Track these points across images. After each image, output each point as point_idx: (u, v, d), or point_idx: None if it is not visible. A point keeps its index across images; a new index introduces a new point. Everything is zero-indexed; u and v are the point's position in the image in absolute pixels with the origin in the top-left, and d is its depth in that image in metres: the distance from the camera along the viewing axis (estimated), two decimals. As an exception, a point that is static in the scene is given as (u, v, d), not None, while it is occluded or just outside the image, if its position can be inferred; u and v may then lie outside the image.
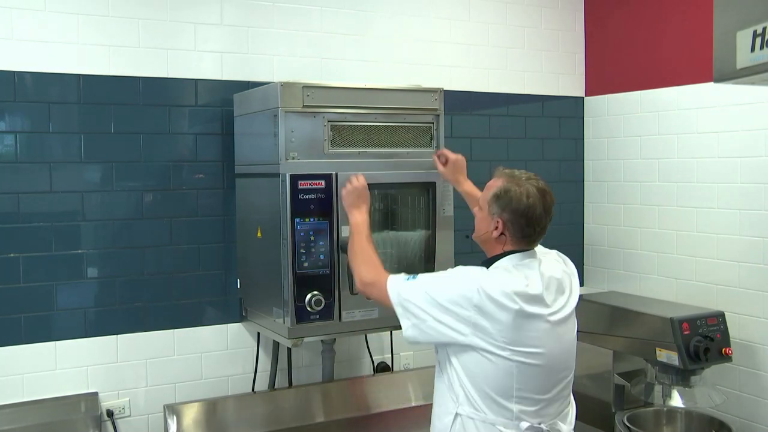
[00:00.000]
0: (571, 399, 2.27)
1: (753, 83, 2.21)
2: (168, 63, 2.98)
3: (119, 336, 2.93)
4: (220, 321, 3.10)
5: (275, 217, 2.66)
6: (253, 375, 3.14)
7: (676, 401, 3.05)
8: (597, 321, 3.32)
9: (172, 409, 2.91)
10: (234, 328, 3.13)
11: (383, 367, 3.40)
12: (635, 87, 3.69)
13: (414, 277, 2.18)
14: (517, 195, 2.12)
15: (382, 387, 3.27)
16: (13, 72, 2.73)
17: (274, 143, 2.65)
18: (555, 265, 2.22)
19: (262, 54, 3.15)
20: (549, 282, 2.13)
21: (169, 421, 2.89)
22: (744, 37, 2.00)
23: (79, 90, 2.84)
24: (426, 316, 2.10)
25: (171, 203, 3.00)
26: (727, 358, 3.02)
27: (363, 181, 2.57)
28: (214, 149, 3.06)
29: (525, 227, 2.14)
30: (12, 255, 2.75)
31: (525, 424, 2.08)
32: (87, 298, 2.87)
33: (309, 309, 2.61)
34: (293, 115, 2.63)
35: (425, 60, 3.50)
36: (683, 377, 3.02)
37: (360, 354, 3.38)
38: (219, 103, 3.06)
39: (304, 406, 3.09)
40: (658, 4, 3.58)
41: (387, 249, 2.85)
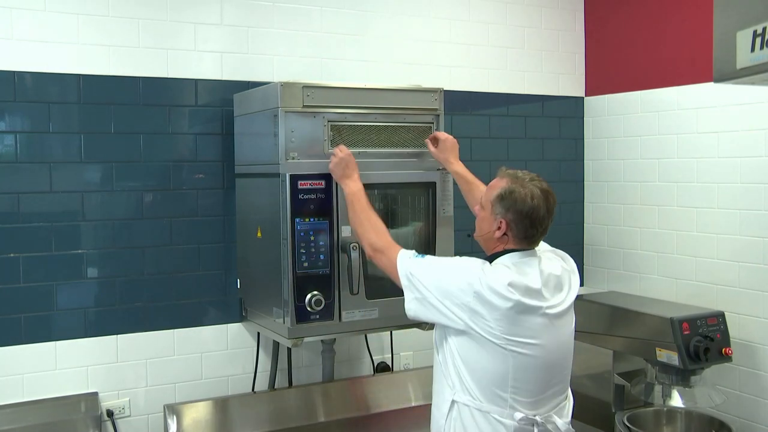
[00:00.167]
0: (569, 393, 2.29)
1: (753, 83, 2.21)
2: (168, 63, 2.98)
3: (119, 336, 2.93)
4: (220, 321, 3.10)
5: (275, 217, 2.66)
6: (253, 375, 3.14)
7: (676, 401, 3.05)
8: (597, 321, 3.32)
9: (172, 409, 2.91)
10: (234, 328, 3.13)
11: (383, 367, 3.40)
12: (635, 87, 3.69)
13: (422, 256, 2.25)
14: (522, 196, 2.14)
15: (382, 387, 3.27)
16: (13, 72, 2.73)
17: (274, 143, 2.65)
18: (554, 263, 2.24)
19: (262, 54, 3.15)
20: (548, 278, 2.16)
21: (169, 421, 2.89)
22: (744, 37, 2.00)
23: (79, 90, 2.84)
24: (428, 294, 2.15)
25: (171, 203, 3.00)
26: (727, 358, 3.02)
27: (346, 150, 2.60)
28: (214, 149, 3.07)
29: (529, 228, 2.16)
30: (12, 255, 2.75)
31: (519, 414, 2.10)
32: (87, 298, 2.87)
33: (309, 309, 2.61)
34: (293, 115, 2.63)
35: (425, 60, 3.50)
36: (683, 377, 3.02)
37: (360, 354, 3.38)
38: (219, 103, 3.06)
39: (304, 406, 3.09)
40: (658, 4, 3.58)
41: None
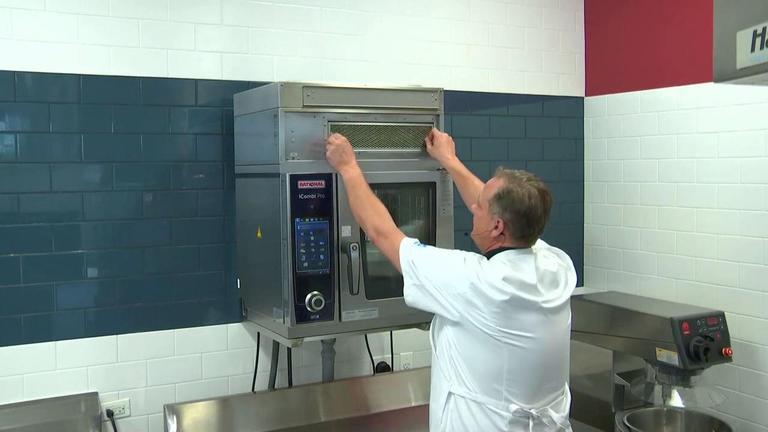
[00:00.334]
0: (566, 389, 2.30)
1: (753, 83, 2.21)
2: (168, 63, 2.98)
3: (119, 336, 2.93)
4: (220, 321, 3.10)
5: (275, 217, 2.66)
6: (253, 375, 3.14)
7: (676, 401, 3.05)
8: (597, 321, 3.32)
9: (172, 409, 2.91)
10: (234, 328, 3.13)
11: (383, 367, 3.40)
12: (635, 87, 3.69)
13: (424, 245, 2.28)
14: (519, 196, 2.15)
15: (382, 387, 3.27)
16: (13, 72, 2.73)
17: (274, 143, 2.65)
18: (551, 260, 2.27)
19: (262, 54, 3.15)
20: (543, 274, 2.18)
21: (169, 421, 2.89)
22: (744, 37, 2.00)
23: (79, 90, 2.84)
24: (427, 282, 2.18)
25: (171, 203, 3.00)
26: (727, 358, 3.02)
27: (342, 137, 2.63)
28: (214, 149, 3.06)
29: (526, 227, 2.18)
30: (12, 255, 2.75)
31: (514, 406, 2.12)
32: (87, 298, 2.87)
33: (309, 309, 2.61)
34: (293, 115, 2.63)
35: (425, 60, 3.50)
36: (683, 377, 3.02)
37: (360, 354, 3.38)
38: (219, 103, 3.06)
39: (304, 406, 3.08)
40: (658, 4, 3.58)
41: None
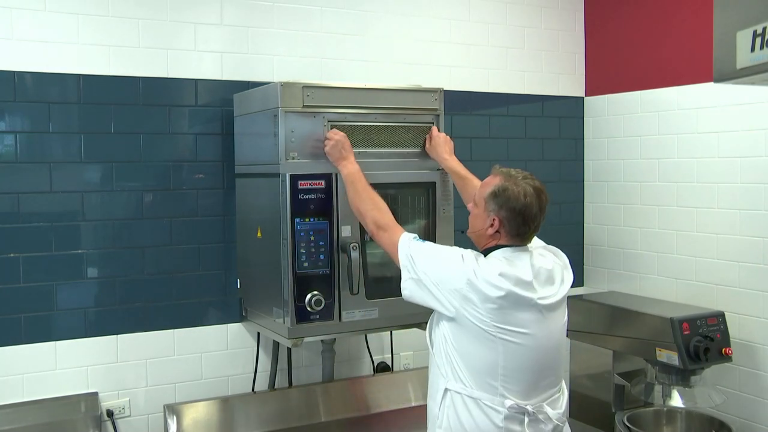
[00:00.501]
0: (563, 386, 2.31)
1: (753, 83, 2.21)
2: (168, 63, 2.98)
3: (119, 336, 2.93)
4: (220, 321, 3.10)
5: (275, 217, 2.66)
6: (253, 375, 3.14)
7: (676, 401, 3.05)
8: (597, 321, 3.32)
9: (172, 409, 2.91)
10: (234, 328, 3.13)
11: (383, 367, 3.40)
12: (635, 87, 3.69)
13: (423, 241, 2.29)
14: (515, 194, 2.17)
15: (382, 387, 3.27)
16: (13, 72, 2.73)
17: (274, 143, 2.65)
18: (546, 257, 2.28)
19: (262, 54, 3.15)
20: (539, 271, 2.19)
21: (169, 421, 2.89)
22: (744, 37, 2.00)
23: (79, 90, 2.84)
24: (425, 276, 2.19)
25: (171, 203, 3.00)
26: (727, 358, 3.02)
27: (341, 132, 2.63)
28: (214, 149, 3.06)
29: (521, 225, 2.19)
30: (12, 255, 2.75)
31: (509, 402, 2.13)
32: (87, 298, 2.87)
33: (309, 309, 2.61)
34: (293, 115, 2.63)
35: (425, 60, 3.50)
36: (683, 377, 3.02)
37: (360, 354, 3.38)
38: (219, 103, 3.06)
39: (304, 406, 3.08)
40: (658, 4, 3.58)
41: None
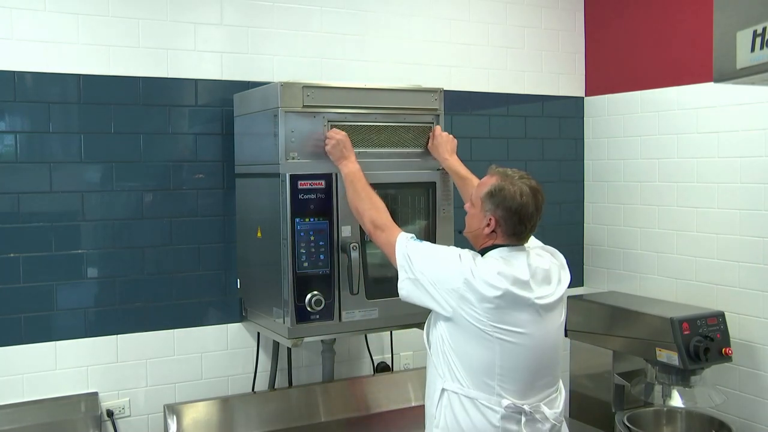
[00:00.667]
0: (560, 386, 2.32)
1: (753, 83, 2.21)
2: (168, 63, 2.98)
3: (119, 336, 2.93)
4: (220, 321, 3.10)
5: (275, 217, 2.66)
6: (253, 375, 3.14)
7: (676, 401, 3.05)
8: (597, 321, 3.32)
9: (172, 409, 2.91)
10: (234, 328, 3.13)
11: (383, 367, 3.40)
12: (635, 87, 3.69)
13: (420, 241, 2.30)
14: (511, 193, 2.17)
15: (382, 387, 3.27)
16: (13, 72, 2.73)
17: (274, 143, 2.65)
18: (543, 257, 2.28)
19: (262, 54, 3.15)
20: (535, 271, 2.20)
21: (169, 421, 2.89)
22: (744, 37, 2.00)
23: (79, 90, 2.83)
24: (422, 276, 2.20)
25: (171, 203, 3.00)
26: (727, 358, 3.02)
27: (342, 132, 2.63)
28: (214, 149, 3.06)
29: (517, 225, 2.20)
30: (12, 255, 2.75)
31: (506, 401, 2.13)
32: (87, 298, 2.87)
33: (309, 309, 2.61)
34: (293, 115, 2.63)
35: (425, 60, 3.50)
36: (683, 377, 3.02)
37: (360, 354, 3.38)
38: (219, 103, 3.06)
39: (304, 406, 3.08)
40: (658, 4, 3.58)
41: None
